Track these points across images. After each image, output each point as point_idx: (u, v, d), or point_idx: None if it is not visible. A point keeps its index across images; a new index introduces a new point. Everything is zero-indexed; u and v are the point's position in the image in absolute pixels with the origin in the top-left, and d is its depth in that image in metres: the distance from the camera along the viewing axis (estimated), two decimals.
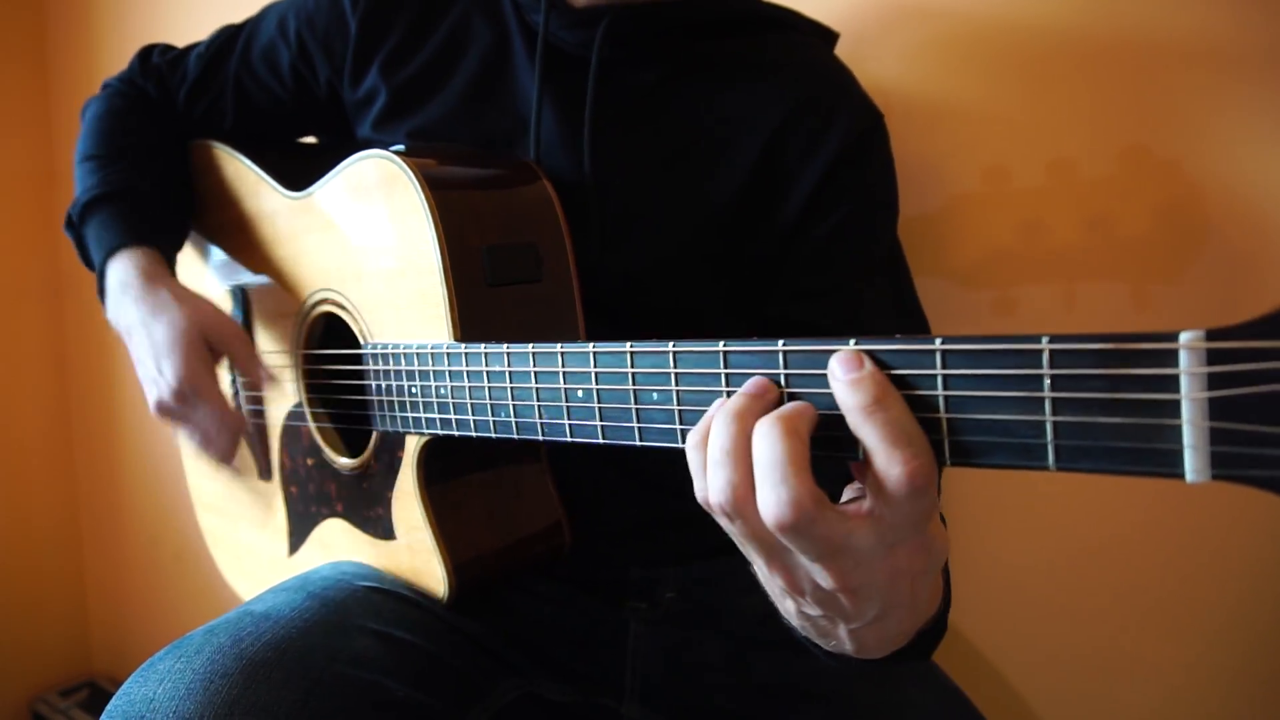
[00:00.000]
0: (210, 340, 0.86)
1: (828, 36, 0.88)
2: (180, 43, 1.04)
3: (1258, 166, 0.79)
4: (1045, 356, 0.37)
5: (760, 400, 0.46)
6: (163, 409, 0.84)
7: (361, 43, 0.88)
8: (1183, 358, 0.34)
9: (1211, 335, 0.33)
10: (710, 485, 0.45)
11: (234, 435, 0.86)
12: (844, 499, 0.48)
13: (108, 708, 0.65)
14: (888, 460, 0.41)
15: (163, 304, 0.86)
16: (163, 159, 0.99)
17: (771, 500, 0.42)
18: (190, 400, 0.83)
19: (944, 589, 0.55)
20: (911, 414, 0.42)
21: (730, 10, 0.82)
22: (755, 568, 0.49)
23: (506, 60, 0.84)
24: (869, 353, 0.43)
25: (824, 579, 0.44)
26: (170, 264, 0.93)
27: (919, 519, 0.43)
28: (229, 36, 0.98)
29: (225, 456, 0.86)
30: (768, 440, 0.43)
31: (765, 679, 0.79)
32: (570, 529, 0.83)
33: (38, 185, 1.92)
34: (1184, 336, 0.34)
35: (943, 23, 0.96)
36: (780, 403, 0.46)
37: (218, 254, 1.02)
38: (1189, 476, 0.34)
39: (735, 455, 0.44)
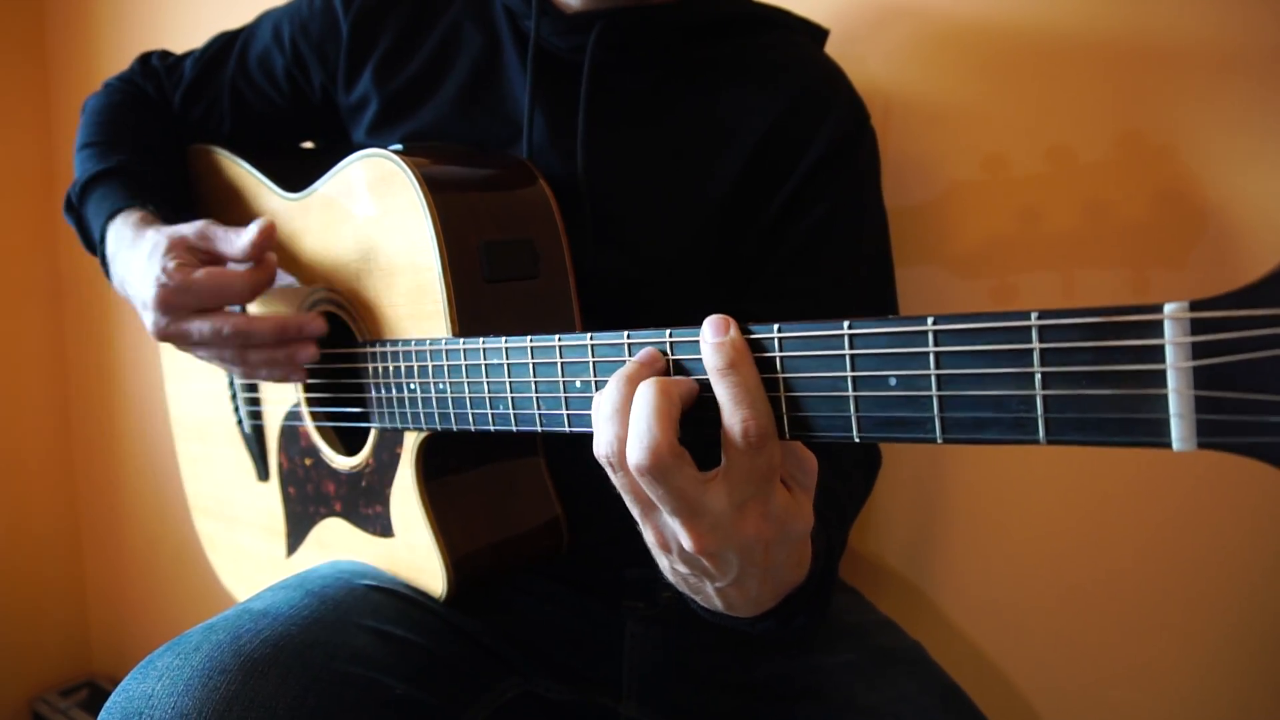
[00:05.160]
0: (194, 245, 0.80)
1: (817, 34, 0.89)
2: (179, 44, 1.05)
3: (1255, 150, 0.80)
4: (1034, 332, 0.38)
5: (649, 367, 0.52)
6: (168, 303, 0.78)
7: (354, 48, 0.89)
8: (1168, 328, 0.35)
9: (1195, 305, 0.34)
10: (600, 439, 0.51)
11: (252, 281, 0.78)
12: None
13: (107, 704, 0.65)
14: (731, 416, 0.48)
15: (147, 236, 0.82)
16: (161, 150, 1.00)
17: (635, 446, 0.48)
18: (189, 285, 0.77)
19: (818, 563, 0.60)
20: (760, 381, 0.48)
21: (721, 11, 0.83)
22: (640, 526, 0.54)
23: (497, 66, 0.85)
24: (853, 334, 0.45)
25: (685, 541, 0.50)
26: (165, 221, 0.88)
27: (760, 476, 0.49)
28: (225, 42, 0.99)
29: (255, 289, 0.79)
30: (642, 397, 0.49)
31: (762, 678, 0.79)
32: (568, 527, 0.83)
33: (38, 185, 1.93)
34: (1168, 307, 0.35)
35: (939, 14, 0.97)
36: (668, 370, 0.52)
37: None
38: (1176, 445, 0.35)
39: (621, 412, 0.50)
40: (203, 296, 0.78)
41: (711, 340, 0.48)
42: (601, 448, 0.51)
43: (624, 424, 0.50)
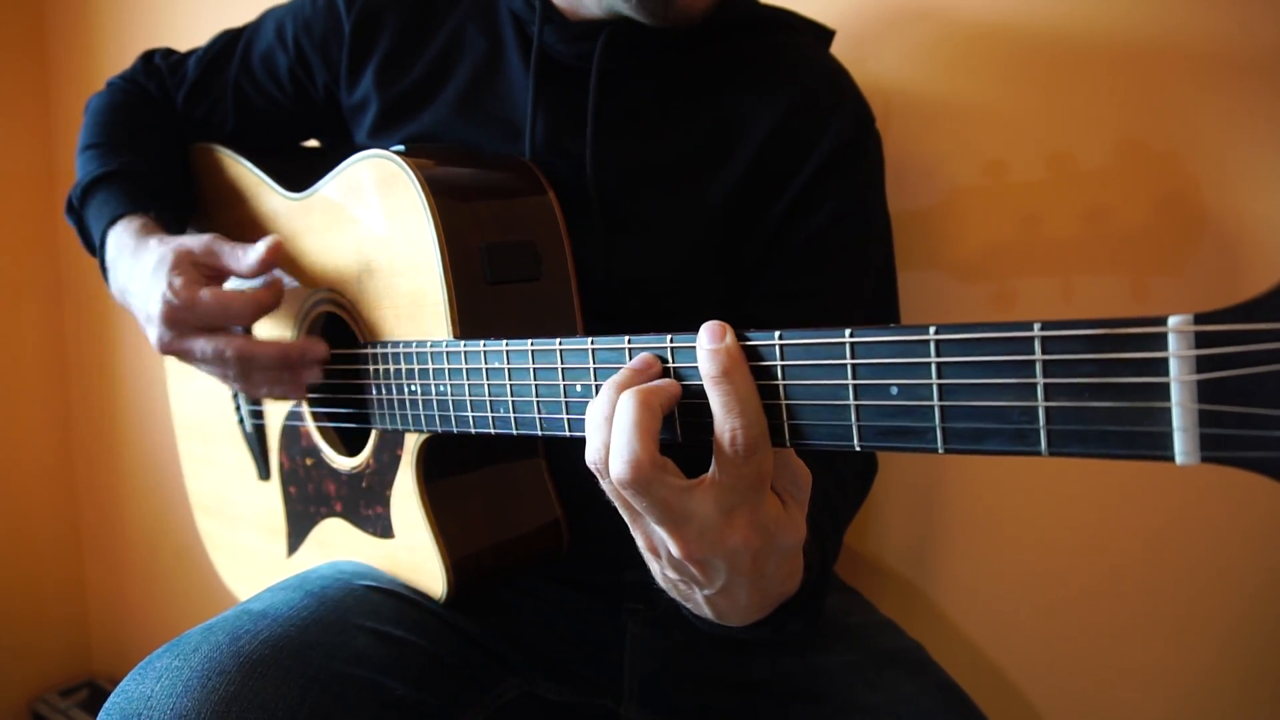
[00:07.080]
0: (199, 261, 0.81)
1: (823, 35, 0.89)
2: (180, 43, 1.05)
3: (1254, 158, 0.80)
4: (1037, 343, 0.38)
5: (642, 375, 0.51)
6: (173, 320, 0.78)
7: (356, 48, 0.89)
8: (1171, 341, 0.34)
9: (1199, 319, 0.34)
10: (589, 446, 0.51)
11: (256, 303, 0.78)
12: None
13: (105, 705, 0.65)
14: (722, 423, 0.48)
15: (150, 246, 0.83)
16: (163, 151, 1.00)
17: (616, 460, 0.48)
18: (195, 304, 0.78)
19: (810, 574, 0.60)
20: (754, 388, 0.48)
21: (727, 13, 0.83)
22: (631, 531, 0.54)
23: (499, 70, 0.85)
24: (855, 343, 0.44)
25: (673, 547, 0.50)
26: (166, 229, 0.89)
27: (749, 484, 0.48)
28: (228, 41, 0.99)
29: (259, 311, 0.79)
30: (623, 408, 0.49)
31: (763, 679, 0.79)
32: (569, 529, 0.83)
33: (38, 185, 1.93)
34: (1172, 320, 0.34)
35: (943, 19, 0.97)
36: (665, 376, 0.52)
37: None
38: (1179, 459, 0.34)
39: (609, 420, 0.50)
40: (207, 316, 0.79)
41: (707, 346, 0.48)
42: (589, 454, 0.51)
43: (609, 433, 0.50)
